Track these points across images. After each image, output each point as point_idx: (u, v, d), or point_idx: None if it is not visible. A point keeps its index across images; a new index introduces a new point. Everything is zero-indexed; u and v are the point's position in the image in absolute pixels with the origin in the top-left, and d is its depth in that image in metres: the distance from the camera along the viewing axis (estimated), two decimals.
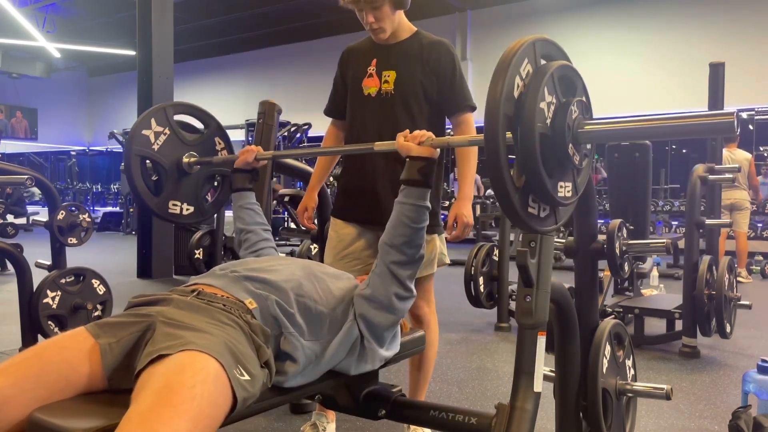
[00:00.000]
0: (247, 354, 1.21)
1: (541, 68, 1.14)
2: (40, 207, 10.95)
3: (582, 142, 1.19)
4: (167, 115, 1.96)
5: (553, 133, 1.14)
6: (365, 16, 1.91)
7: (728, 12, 10.24)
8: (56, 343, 1.21)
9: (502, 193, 1.09)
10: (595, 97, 1.27)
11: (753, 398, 1.97)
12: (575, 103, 1.16)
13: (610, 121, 1.21)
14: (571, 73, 1.20)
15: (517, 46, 1.11)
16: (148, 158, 1.93)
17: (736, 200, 6.09)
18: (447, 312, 4.37)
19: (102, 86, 20.13)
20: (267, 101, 2.34)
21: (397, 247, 1.46)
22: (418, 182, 1.47)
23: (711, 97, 3.78)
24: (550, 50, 1.21)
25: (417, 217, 1.46)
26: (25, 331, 2.84)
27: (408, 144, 1.49)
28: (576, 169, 1.22)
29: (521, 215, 1.13)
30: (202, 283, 1.40)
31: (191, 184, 2.03)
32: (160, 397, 1.00)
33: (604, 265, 2.33)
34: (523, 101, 1.10)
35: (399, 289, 1.47)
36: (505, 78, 1.07)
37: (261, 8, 12.73)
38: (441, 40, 2.03)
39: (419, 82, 1.97)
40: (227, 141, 2.11)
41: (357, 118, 2.07)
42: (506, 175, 1.07)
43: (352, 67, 2.08)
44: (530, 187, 1.14)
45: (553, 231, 1.26)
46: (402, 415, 1.54)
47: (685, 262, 3.42)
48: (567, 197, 1.21)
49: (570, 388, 1.65)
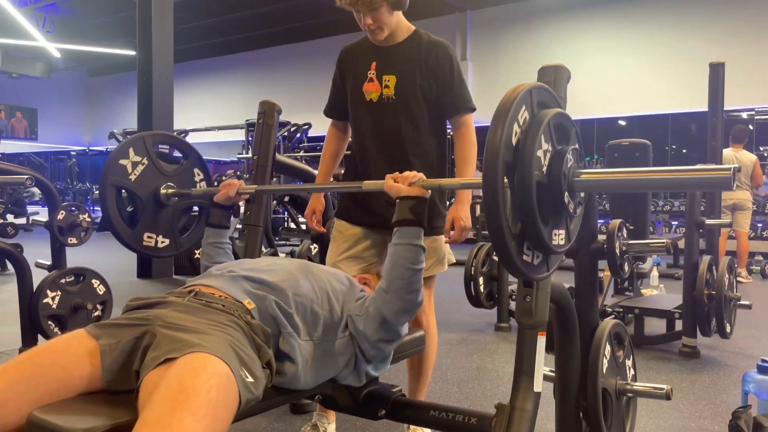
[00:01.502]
0: (250, 355, 1.21)
1: (538, 116, 1.15)
2: (40, 207, 10.95)
3: (577, 190, 1.20)
4: (146, 145, 1.94)
5: (549, 181, 1.15)
6: (363, 18, 1.89)
7: (728, 12, 10.23)
8: (50, 346, 1.21)
9: (499, 240, 1.09)
10: (595, 97, 1.28)
11: (753, 398, 1.97)
12: (570, 151, 1.18)
13: (604, 171, 1.24)
14: (565, 121, 1.22)
15: (516, 94, 1.12)
16: (124, 188, 1.90)
17: (738, 200, 6.11)
18: (447, 312, 4.37)
19: (102, 86, 20.12)
20: (267, 101, 2.34)
21: (395, 292, 1.42)
22: (411, 222, 1.44)
23: (711, 97, 3.78)
24: (545, 97, 1.22)
25: (413, 258, 1.43)
26: (25, 331, 2.84)
27: (398, 186, 1.47)
28: (570, 217, 1.23)
29: (516, 263, 1.14)
30: (199, 284, 1.40)
31: (168, 215, 2.00)
32: (178, 401, 1.00)
33: (604, 265, 2.33)
34: (520, 148, 1.11)
35: (387, 335, 1.46)
36: (504, 125, 1.08)
37: (261, 8, 12.72)
38: (439, 41, 2.01)
39: (419, 85, 1.96)
40: (206, 173, 2.10)
41: (360, 124, 2.06)
42: (504, 222, 1.08)
43: (352, 70, 2.06)
44: (526, 234, 1.15)
45: (545, 278, 1.27)
46: (402, 415, 1.54)
47: (685, 262, 3.42)
48: (560, 245, 1.22)
49: (570, 388, 1.65)
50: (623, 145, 3.66)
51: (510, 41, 12.38)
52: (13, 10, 11.54)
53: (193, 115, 15.08)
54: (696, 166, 1.15)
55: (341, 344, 1.45)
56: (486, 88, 12.73)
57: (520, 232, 1.14)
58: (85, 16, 14.08)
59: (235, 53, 16.37)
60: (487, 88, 12.69)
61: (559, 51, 11.31)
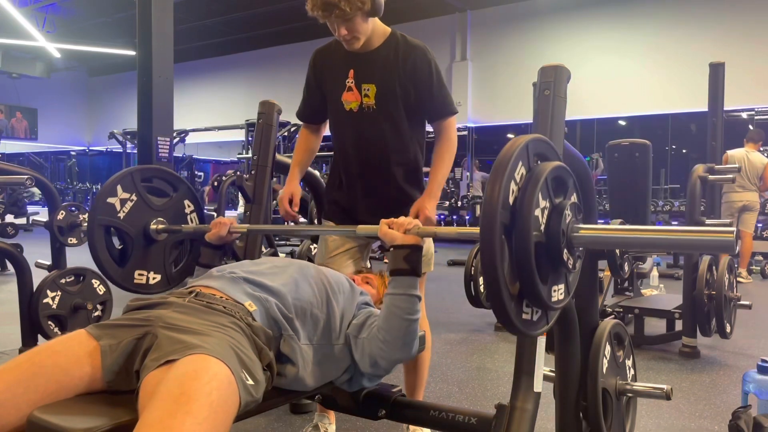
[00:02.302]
0: (251, 358, 1.21)
1: (535, 173, 1.14)
2: (40, 207, 10.95)
3: (576, 246, 1.19)
4: (134, 181, 1.91)
5: (547, 240, 1.14)
6: (337, 28, 1.81)
7: (728, 12, 10.23)
8: (50, 347, 1.21)
9: (497, 302, 1.09)
10: (595, 97, 1.27)
11: (753, 398, 1.97)
12: (569, 207, 1.17)
13: (604, 227, 1.22)
14: (562, 173, 1.21)
15: (512, 150, 1.10)
16: (113, 227, 1.87)
17: (748, 202, 6.10)
18: (447, 312, 4.37)
19: (102, 86, 20.12)
20: (267, 101, 2.34)
21: (392, 343, 1.40)
22: (406, 271, 1.41)
23: (711, 97, 3.78)
24: (542, 149, 1.21)
25: (409, 308, 1.40)
26: (25, 331, 2.84)
27: (392, 233, 1.43)
28: (569, 272, 1.21)
29: (516, 324, 1.13)
30: (200, 285, 1.40)
31: (158, 251, 1.97)
32: (179, 404, 1.00)
33: (604, 265, 2.33)
34: (518, 209, 1.10)
35: (379, 372, 1.47)
36: (501, 185, 1.07)
37: (261, 8, 12.72)
38: (416, 46, 1.94)
39: (399, 93, 1.92)
40: (197, 203, 2.07)
41: (341, 134, 2.03)
42: (503, 284, 1.07)
43: (329, 77, 2.00)
44: (524, 293, 1.14)
45: (543, 332, 1.26)
46: (402, 415, 1.54)
47: (685, 262, 3.42)
48: (560, 300, 1.21)
49: (570, 388, 1.65)
50: (623, 145, 3.66)
51: (510, 41, 12.38)
52: (13, 10, 11.54)
53: (193, 115, 15.08)
54: (698, 228, 1.12)
55: (340, 350, 1.46)
56: (486, 88, 12.74)
57: (518, 291, 1.13)
58: (85, 16, 14.08)
59: (235, 53, 16.37)
60: (487, 88, 12.70)
61: (559, 51, 11.31)
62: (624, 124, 12.12)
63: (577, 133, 11.63)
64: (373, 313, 1.51)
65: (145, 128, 5.95)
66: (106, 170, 20.94)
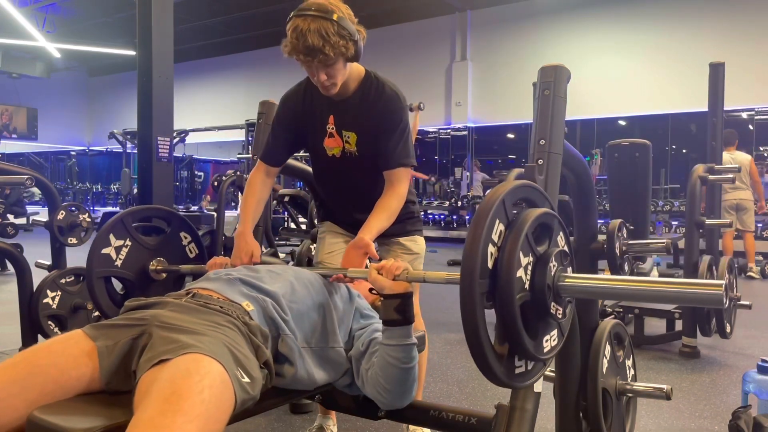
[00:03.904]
0: (247, 356, 1.21)
1: (514, 229, 1.10)
2: (40, 207, 10.94)
3: (563, 296, 1.16)
4: (126, 226, 1.89)
5: (533, 297, 1.11)
6: (317, 73, 1.71)
7: (728, 12, 10.23)
8: (47, 347, 1.21)
9: (487, 368, 1.08)
10: (595, 97, 1.27)
11: (753, 398, 1.97)
12: (553, 257, 1.14)
13: (591, 277, 1.19)
14: (546, 219, 1.17)
15: (487, 209, 1.07)
16: (112, 276, 1.87)
17: (741, 200, 6.27)
18: (447, 312, 4.37)
19: (102, 86, 20.12)
20: (267, 101, 2.34)
21: (391, 392, 1.41)
22: (398, 321, 1.38)
23: (711, 97, 3.77)
24: (524, 194, 1.19)
25: (405, 357, 1.38)
26: (25, 331, 2.84)
27: (381, 280, 1.39)
28: (559, 321, 1.19)
29: (510, 383, 1.13)
30: (197, 287, 1.41)
31: (161, 288, 1.95)
32: (170, 403, 1.00)
33: (604, 265, 2.33)
34: (499, 274, 1.06)
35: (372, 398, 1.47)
36: (477, 252, 1.03)
37: (261, 8, 12.73)
38: (390, 97, 1.85)
39: (376, 141, 1.86)
40: (193, 233, 2.04)
41: (325, 177, 2.03)
42: (489, 352, 1.06)
43: (308, 122, 1.92)
44: (514, 350, 1.12)
45: (541, 376, 1.25)
46: (402, 415, 1.54)
47: (685, 262, 3.42)
48: (553, 347, 1.20)
49: (570, 388, 1.65)
50: (623, 145, 3.66)
51: (510, 41, 12.38)
52: (13, 10, 11.54)
53: (193, 115, 15.08)
54: (687, 280, 1.10)
55: (338, 353, 1.46)
56: (486, 88, 12.73)
57: (508, 351, 1.11)
58: (85, 16, 14.09)
59: (235, 53, 16.38)
60: (487, 88, 12.69)
61: (559, 51, 11.31)
62: (624, 124, 12.12)
63: (577, 133, 11.63)
64: (375, 338, 1.48)
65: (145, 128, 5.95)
66: (106, 170, 20.96)
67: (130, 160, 13.59)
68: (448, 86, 12.99)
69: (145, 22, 6.02)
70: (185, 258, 2.04)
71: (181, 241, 2.03)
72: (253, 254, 1.84)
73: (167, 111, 6.11)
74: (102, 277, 1.86)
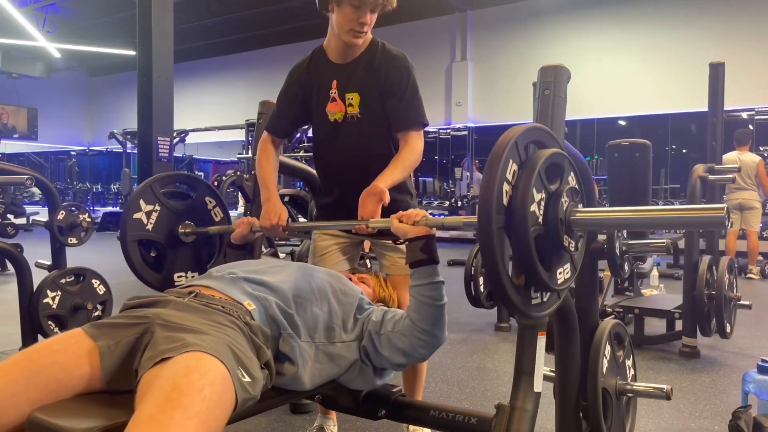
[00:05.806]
0: (248, 355, 1.21)
1: (527, 168, 1.14)
2: (40, 207, 10.95)
3: (575, 229, 1.20)
4: (154, 192, 1.97)
5: (547, 231, 1.16)
6: (361, 16, 1.77)
7: (728, 12, 10.24)
8: (48, 345, 1.20)
9: (505, 297, 1.12)
10: (595, 97, 1.27)
11: (753, 398, 1.97)
12: (565, 192, 1.18)
13: (600, 210, 1.25)
14: (557, 159, 1.21)
15: (501, 150, 1.11)
16: (144, 240, 1.95)
17: (744, 200, 6.22)
18: (447, 312, 4.36)
19: (102, 86, 20.13)
20: (267, 101, 2.34)
21: (431, 332, 1.46)
22: (425, 261, 1.46)
23: (711, 97, 3.77)
24: (536, 136, 1.22)
25: (437, 294, 1.46)
26: (25, 331, 2.84)
27: (404, 227, 1.48)
28: (572, 254, 1.24)
29: (526, 311, 1.16)
30: (199, 285, 1.40)
31: (191, 251, 2.05)
32: (170, 399, 1.00)
33: (604, 265, 2.33)
34: (513, 209, 1.11)
35: (408, 360, 1.49)
36: (493, 189, 1.08)
37: (261, 8, 12.73)
38: (395, 56, 1.91)
39: (380, 102, 1.89)
40: (218, 198, 2.12)
41: (326, 144, 2.01)
42: (507, 281, 1.10)
43: (315, 90, 1.96)
44: (530, 282, 1.17)
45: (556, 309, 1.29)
46: (402, 415, 1.54)
47: (685, 262, 3.42)
48: (567, 279, 1.24)
49: (570, 388, 1.65)
50: (623, 145, 3.66)
51: (510, 41, 12.38)
52: (13, 10, 11.55)
53: (193, 115, 15.09)
54: (691, 206, 1.16)
55: (343, 347, 1.46)
56: (486, 88, 12.74)
57: (524, 282, 1.15)
58: (85, 16, 14.09)
59: (235, 53, 16.39)
60: (487, 88, 12.70)
61: (559, 51, 11.32)
62: (624, 124, 12.13)
63: (577, 133, 11.64)
64: (387, 310, 1.53)
65: (145, 128, 5.96)
66: (106, 170, 20.98)
67: (130, 160, 13.61)
68: (448, 86, 13.00)
69: (145, 22, 6.04)
70: (211, 221, 2.10)
71: (207, 205, 2.10)
72: (281, 216, 1.86)
73: (167, 111, 6.12)
74: (135, 241, 1.93)
